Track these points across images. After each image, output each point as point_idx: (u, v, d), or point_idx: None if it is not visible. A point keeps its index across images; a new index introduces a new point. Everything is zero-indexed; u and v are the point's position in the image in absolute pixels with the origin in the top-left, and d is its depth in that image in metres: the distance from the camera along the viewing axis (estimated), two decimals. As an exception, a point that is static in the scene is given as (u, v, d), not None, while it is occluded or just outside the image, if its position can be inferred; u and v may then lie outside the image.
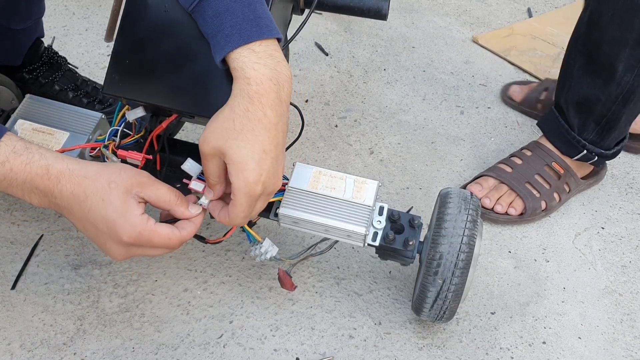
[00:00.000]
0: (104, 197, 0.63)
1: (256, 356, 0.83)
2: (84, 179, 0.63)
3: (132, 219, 0.63)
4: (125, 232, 0.63)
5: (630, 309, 0.94)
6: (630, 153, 1.22)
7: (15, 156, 0.60)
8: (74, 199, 0.62)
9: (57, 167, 0.62)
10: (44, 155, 0.62)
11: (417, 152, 1.19)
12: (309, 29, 1.50)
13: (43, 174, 0.61)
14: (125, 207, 0.63)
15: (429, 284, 0.75)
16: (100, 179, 0.63)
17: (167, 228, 0.66)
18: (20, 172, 0.61)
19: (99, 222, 0.63)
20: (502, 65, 1.45)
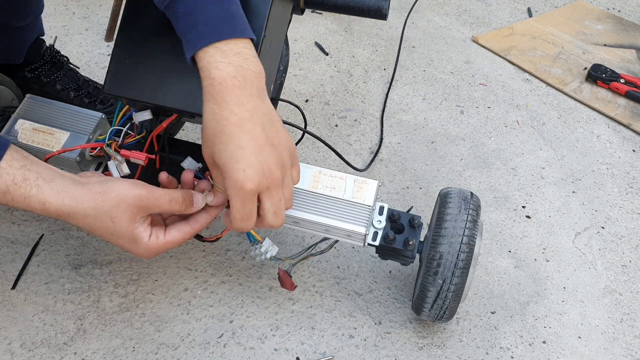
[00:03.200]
0: (112, 232, 0.64)
1: (256, 356, 0.83)
2: (85, 217, 0.63)
3: (144, 245, 0.65)
4: (143, 255, 0.67)
5: (630, 309, 0.94)
6: (630, 153, 1.22)
7: (16, 188, 0.61)
8: (83, 227, 0.64)
9: (55, 205, 0.62)
10: (40, 189, 0.62)
11: (417, 151, 1.19)
12: (309, 28, 1.50)
13: (41, 209, 0.62)
14: (134, 238, 0.65)
15: (429, 283, 0.75)
16: (102, 216, 0.63)
17: (177, 233, 0.67)
18: (21, 203, 0.62)
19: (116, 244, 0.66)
20: (502, 65, 1.45)
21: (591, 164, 1.20)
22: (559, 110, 1.33)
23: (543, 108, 1.33)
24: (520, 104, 1.33)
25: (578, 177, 1.16)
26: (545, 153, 1.21)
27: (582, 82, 1.41)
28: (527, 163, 1.18)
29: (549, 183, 1.14)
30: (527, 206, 1.09)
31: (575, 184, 1.15)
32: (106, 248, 0.95)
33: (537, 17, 1.65)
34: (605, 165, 1.20)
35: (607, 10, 1.71)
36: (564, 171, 1.17)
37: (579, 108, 1.34)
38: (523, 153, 1.21)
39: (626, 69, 1.46)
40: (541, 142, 1.24)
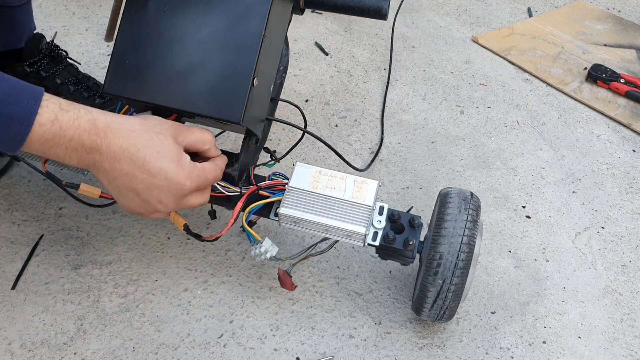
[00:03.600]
0: (159, 149, 0.64)
1: (256, 356, 0.83)
2: (131, 132, 0.63)
3: (187, 165, 0.66)
4: (187, 180, 0.66)
5: (630, 309, 0.94)
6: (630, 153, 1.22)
7: (63, 113, 0.59)
8: (124, 153, 0.62)
9: (103, 120, 0.61)
10: (88, 110, 0.61)
11: (417, 151, 1.19)
12: (309, 28, 1.50)
13: (91, 128, 0.60)
14: (179, 156, 0.65)
15: (429, 283, 0.75)
16: (148, 130, 0.64)
17: (209, 163, 0.71)
18: (69, 129, 0.59)
19: (156, 175, 0.64)
20: (502, 65, 1.45)
21: (591, 164, 1.20)
22: (559, 110, 1.33)
23: (543, 108, 1.33)
24: (520, 104, 1.33)
25: (578, 177, 1.16)
26: (545, 153, 1.21)
27: (582, 82, 1.41)
28: (527, 163, 1.18)
29: (549, 183, 1.14)
30: (527, 206, 1.09)
31: (575, 184, 1.15)
32: (106, 248, 0.95)
33: (537, 17, 1.65)
34: (605, 165, 1.20)
35: (607, 10, 1.71)
36: (564, 171, 1.17)
37: (579, 108, 1.34)
38: (523, 153, 1.21)
39: (626, 69, 1.46)
40: (541, 142, 1.24)
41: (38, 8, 1.48)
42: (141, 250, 0.95)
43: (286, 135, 1.18)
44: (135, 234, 0.97)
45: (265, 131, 0.87)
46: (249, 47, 0.71)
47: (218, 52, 0.71)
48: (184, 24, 0.72)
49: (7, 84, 0.57)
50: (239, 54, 0.71)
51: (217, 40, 0.71)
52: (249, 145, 0.80)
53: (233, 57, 0.71)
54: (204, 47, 0.71)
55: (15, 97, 0.56)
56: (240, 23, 0.71)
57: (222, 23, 0.71)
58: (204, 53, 0.71)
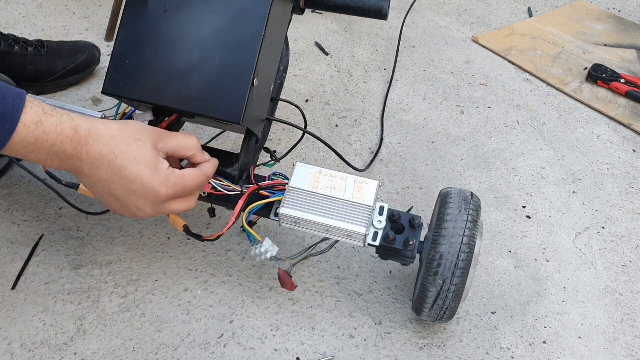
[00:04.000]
0: (135, 156, 0.64)
1: (256, 356, 0.83)
2: (111, 139, 0.63)
3: (164, 172, 0.66)
4: (162, 187, 0.65)
5: (630, 309, 0.94)
6: (630, 152, 1.22)
7: (47, 116, 0.59)
8: (102, 159, 0.63)
9: (85, 127, 0.62)
10: (70, 115, 0.61)
11: (417, 151, 1.18)
12: (309, 28, 1.50)
13: (73, 135, 0.61)
14: (156, 162, 0.65)
15: (429, 283, 0.75)
16: (127, 137, 0.64)
17: (192, 170, 0.70)
18: (52, 134, 0.59)
19: (132, 181, 0.64)
20: (502, 65, 1.45)
21: (591, 163, 1.20)
22: (559, 110, 1.33)
23: (543, 108, 1.33)
24: (521, 104, 1.33)
25: (578, 177, 1.16)
26: (545, 153, 1.21)
27: (582, 82, 1.41)
28: (527, 163, 1.18)
29: (549, 183, 1.14)
30: (527, 206, 1.09)
31: (575, 184, 1.15)
32: (106, 248, 0.95)
33: (537, 17, 1.65)
34: (606, 165, 1.19)
35: (607, 10, 1.71)
36: (564, 171, 1.17)
37: (579, 108, 1.34)
38: (523, 153, 1.21)
39: (626, 69, 1.46)
40: (541, 142, 1.24)
41: (38, 8, 1.48)
42: (141, 250, 0.95)
43: (286, 135, 1.18)
44: (135, 234, 0.97)
45: (265, 131, 0.87)
46: (249, 47, 0.71)
47: (218, 52, 0.71)
48: (184, 23, 0.72)
49: None
50: (239, 54, 0.71)
51: (217, 40, 0.71)
52: (249, 145, 0.80)
53: (233, 57, 0.71)
54: (204, 47, 0.71)
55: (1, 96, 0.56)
56: (240, 23, 0.71)
57: (222, 23, 0.71)
58: (204, 53, 0.71)
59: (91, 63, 1.25)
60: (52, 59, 1.19)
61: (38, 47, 1.18)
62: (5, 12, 1.46)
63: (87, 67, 1.25)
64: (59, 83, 1.22)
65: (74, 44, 1.25)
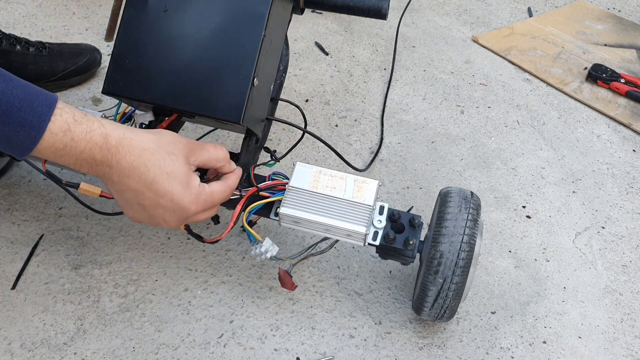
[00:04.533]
0: (169, 171, 0.64)
1: (256, 356, 0.83)
2: (144, 151, 0.62)
3: (195, 189, 0.66)
4: (192, 204, 0.66)
5: (630, 309, 0.94)
6: (631, 152, 1.22)
7: (77, 124, 0.59)
8: (133, 171, 0.62)
9: (116, 136, 0.61)
10: (102, 123, 0.61)
11: (417, 151, 1.18)
12: (309, 28, 1.50)
13: (102, 143, 0.60)
14: (188, 179, 0.65)
15: (430, 282, 0.75)
16: (160, 150, 0.64)
17: (218, 185, 0.70)
18: (81, 142, 0.59)
19: (162, 196, 0.64)
20: (502, 65, 1.45)
21: (591, 163, 1.20)
22: (559, 110, 1.33)
23: (543, 108, 1.33)
24: (521, 104, 1.33)
25: (578, 177, 1.16)
26: (545, 153, 1.21)
27: (583, 82, 1.41)
28: (527, 163, 1.18)
29: (549, 183, 1.14)
30: (527, 206, 1.09)
31: (575, 184, 1.15)
32: (106, 248, 0.95)
33: (537, 17, 1.65)
34: (606, 165, 1.19)
35: (607, 10, 1.71)
36: (564, 171, 1.17)
37: (579, 108, 1.34)
38: (523, 153, 1.21)
39: (626, 69, 1.46)
40: (541, 142, 1.24)
41: (38, 8, 1.48)
42: (141, 250, 0.95)
43: (286, 135, 1.18)
44: (135, 234, 0.97)
45: (265, 131, 0.87)
46: (249, 47, 0.71)
47: (218, 52, 0.71)
48: (184, 23, 0.72)
49: (22, 90, 0.56)
50: (239, 54, 0.71)
51: (217, 40, 0.71)
52: (249, 145, 0.80)
53: (233, 57, 0.71)
54: (204, 47, 0.71)
55: (28, 103, 0.56)
56: (240, 23, 0.71)
57: (222, 23, 0.71)
58: (204, 53, 0.71)
59: (92, 66, 1.26)
60: (54, 60, 1.20)
61: (40, 48, 1.19)
62: (5, 12, 1.46)
63: (88, 70, 1.25)
64: (59, 84, 1.22)
65: (75, 46, 1.25)
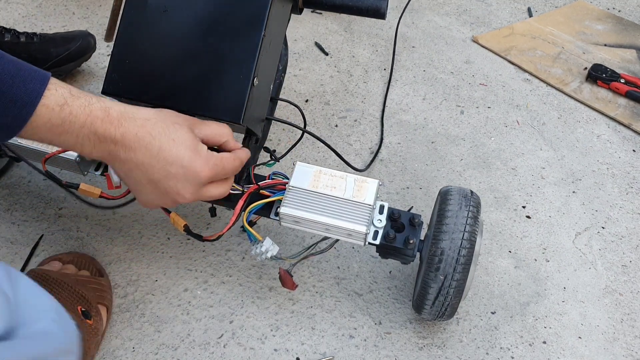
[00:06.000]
0: (174, 137, 0.62)
1: (256, 356, 0.83)
2: (146, 121, 0.61)
3: (204, 154, 0.65)
4: (204, 168, 0.64)
5: (630, 309, 0.94)
6: (631, 153, 1.22)
7: (74, 99, 0.57)
8: (139, 142, 0.60)
9: (117, 109, 0.59)
10: (99, 98, 0.59)
11: (417, 151, 1.18)
12: (309, 28, 1.50)
13: (104, 116, 0.58)
14: (195, 144, 0.64)
15: (431, 280, 0.75)
16: (164, 120, 0.63)
17: (229, 154, 0.69)
18: (80, 115, 0.57)
19: (172, 163, 0.62)
20: (502, 65, 1.45)
21: (591, 164, 1.20)
22: (559, 110, 1.33)
23: (543, 108, 1.33)
24: (521, 104, 1.33)
25: (578, 177, 1.16)
26: (545, 153, 1.21)
27: (582, 82, 1.41)
28: (527, 163, 1.18)
29: (549, 183, 1.14)
30: (527, 206, 1.09)
31: (575, 184, 1.15)
32: (105, 249, 0.94)
33: (537, 17, 1.65)
34: (606, 165, 1.19)
35: (607, 10, 1.71)
36: (564, 171, 1.17)
37: (579, 108, 1.34)
38: (523, 153, 1.21)
39: (626, 69, 1.46)
40: (541, 142, 1.24)
41: (38, 8, 1.48)
42: (141, 250, 0.95)
43: (286, 135, 1.18)
44: (135, 234, 0.97)
45: (265, 131, 0.87)
46: (249, 47, 0.71)
47: (218, 52, 0.71)
48: (183, 24, 0.72)
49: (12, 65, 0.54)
50: (239, 54, 0.71)
51: (217, 40, 0.71)
52: (249, 145, 0.80)
53: (233, 57, 0.71)
54: (203, 47, 0.71)
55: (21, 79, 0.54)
56: (239, 23, 0.71)
57: (222, 23, 0.71)
58: (204, 53, 0.71)
59: (86, 50, 1.23)
60: (46, 46, 1.18)
61: (31, 36, 1.18)
62: (5, 12, 1.46)
63: (82, 55, 1.22)
64: (55, 71, 1.19)
65: (67, 33, 1.23)
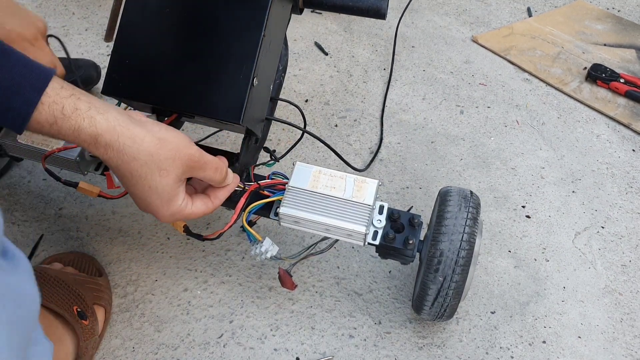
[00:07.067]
0: (151, 185, 0.61)
1: (256, 356, 0.83)
2: (133, 160, 0.60)
3: (173, 208, 0.64)
4: (164, 217, 0.64)
5: (630, 308, 0.94)
6: (630, 152, 1.22)
7: (64, 119, 0.56)
8: (118, 171, 0.60)
9: (107, 138, 0.58)
10: (93, 121, 0.57)
11: (417, 151, 1.19)
12: (309, 28, 1.50)
13: (91, 142, 0.57)
14: (170, 198, 0.63)
15: (430, 281, 0.75)
16: (152, 163, 0.60)
17: (202, 205, 0.67)
18: (69, 136, 0.57)
19: (140, 199, 0.62)
20: (501, 65, 1.45)
21: (591, 163, 1.20)
22: (558, 110, 1.33)
23: (543, 108, 1.33)
24: (520, 104, 1.33)
25: (578, 176, 1.16)
26: (545, 153, 1.21)
27: (582, 82, 1.41)
28: (527, 163, 1.18)
29: (548, 183, 1.14)
30: (527, 206, 1.09)
31: (575, 184, 1.15)
32: (105, 249, 0.95)
33: (537, 16, 1.65)
34: (605, 165, 1.20)
35: (606, 10, 1.71)
36: (564, 171, 1.17)
37: (579, 108, 1.34)
38: (523, 153, 1.21)
39: (626, 69, 1.46)
40: (541, 141, 1.24)
41: (38, 8, 1.48)
42: (141, 250, 0.95)
43: (286, 135, 1.18)
44: (135, 234, 0.97)
45: (265, 131, 0.87)
46: (249, 47, 0.71)
47: (217, 52, 0.71)
48: (183, 24, 0.72)
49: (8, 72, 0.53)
50: (238, 54, 0.71)
51: (217, 40, 0.71)
52: (248, 145, 0.80)
53: (233, 57, 0.71)
54: (203, 47, 0.71)
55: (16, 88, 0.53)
56: (239, 23, 0.71)
57: (222, 23, 0.71)
58: (204, 53, 0.71)
59: (88, 82, 1.20)
60: None
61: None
62: (5, 12, 1.46)
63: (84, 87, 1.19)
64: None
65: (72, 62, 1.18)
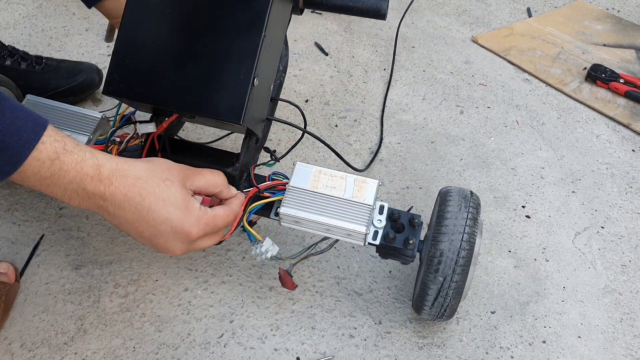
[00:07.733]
0: (164, 197, 0.62)
1: (257, 356, 0.83)
2: (137, 180, 0.61)
3: (195, 213, 0.64)
4: (194, 228, 0.64)
5: (630, 308, 0.94)
6: (630, 152, 1.22)
7: (67, 154, 0.57)
8: (128, 202, 0.61)
9: (109, 167, 0.59)
10: (94, 154, 0.59)
11: (417, 151, 1.19)
12: (309, 28, 1.51)
13: (94, 174, 0.58)
14: (186, 203, 0.64)
15: (430, 281, 0.75)
16: (154, 177, 0.62)
17: (221, 209, 0.69)
18: (70, 171, 0.57)
19: (161, 223, 0.62)
20: (501, 65, 1.45)
21: (591, 163, 1.20)
22: (558, 110, 1.33)
23: (543, 108, 1.33)
24: (520, 104, 1.34)
25: (578, 177, 1.17)
26: (544, 153, 1.21)
27: (582, 82, 1.41)
28: (526, 163, 1.19)
29: (548, 183, 1.14)
30: (526, 206, 1.09)
31: (575, 184, 1.15)
32: (106, 248, 0.95)
33: (537, 17, 1.65)
34: (605, 165, 1.20)
35: (606, 10, 1.71)
36: (564, 171, 1.18)
37: (579, 108, 1.35)
38: (523, 153, 1.21)
39: (625, 69, 1.46)
40: (541, 142, 1.24)
41: (38, 8, 1.48)
42: (141, 250, 0.95)
43: (286, 135, 1.18)
44: (136, 234, 0.97)
45: (265, 131, 0.88)
46: (249, 48, 0.71)
47: (218, 52, 0.71)
48: (184, 24, 0.72)
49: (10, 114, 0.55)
50: (239, 54, 0.71)
51: (217, 41, 0.71)
52: (249, 145, 0.80)
53: (233, 58, 0.71)
54: (203, 48, 0.71)
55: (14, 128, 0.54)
56: (240, 23, 0.71)
57: (223, 23, 0.72)
58: (204, 53, 0.71)
59: (89, 87, 1.20)
60: (46, 77, 1.15)
61: (33, 64, 1.14)
62: (5, 12, 1.46)
63: (84, 91, 1.19)
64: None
65: (75, 65, 1.20)
